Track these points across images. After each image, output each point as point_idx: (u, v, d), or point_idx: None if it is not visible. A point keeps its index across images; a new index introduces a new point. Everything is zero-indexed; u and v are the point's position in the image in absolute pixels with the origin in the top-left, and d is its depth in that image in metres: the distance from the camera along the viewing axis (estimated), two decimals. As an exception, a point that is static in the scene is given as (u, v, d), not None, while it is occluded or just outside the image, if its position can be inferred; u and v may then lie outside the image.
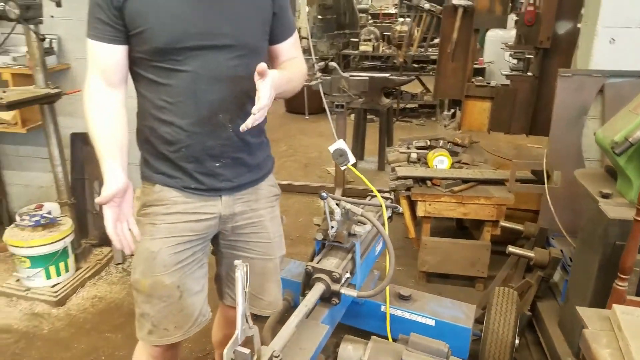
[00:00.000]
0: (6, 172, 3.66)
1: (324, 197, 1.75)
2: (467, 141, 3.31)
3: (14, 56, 3.07)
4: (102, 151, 1.31)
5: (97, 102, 1.35)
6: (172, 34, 1.29)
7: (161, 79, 1.35)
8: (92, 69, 1.36)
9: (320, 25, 9.09)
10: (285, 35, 1.52)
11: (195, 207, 1.47)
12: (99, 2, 1.28)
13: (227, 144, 1.43)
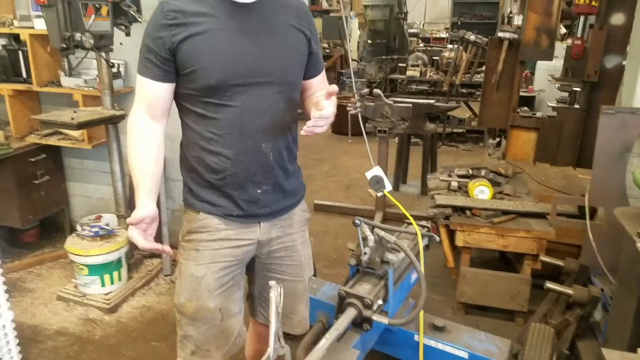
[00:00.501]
0: (71, 184, 3.94)
1: (357, 224, 1.83)
2: (510, 171, 3.31)
3: (85, 79, 3.34)
4: (139, 182, 1.47)
5: (139, 134, 1.49)
6: (222, 73, 1.42)
7: (209, 113, 1.47)
8: (139, 101, 1.50)
9: (370, 49, 9.23)
10: (317, 72, 1.66)
11: (236, 234, 1.58)
12: (150, 45, 1.42)
13: (268, 171, 1.55)
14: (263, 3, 1.49)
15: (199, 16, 1.41)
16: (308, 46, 1.58)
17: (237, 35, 1.43)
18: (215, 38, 1.41)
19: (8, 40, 3.44)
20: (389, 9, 9.00)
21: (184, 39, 1.39)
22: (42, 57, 3.35)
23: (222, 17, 1.42)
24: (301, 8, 1.58)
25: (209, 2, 1.43)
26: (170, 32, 1.39)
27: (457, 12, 13.19)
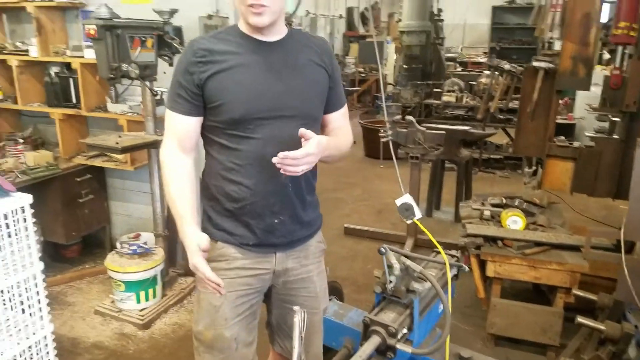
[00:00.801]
0: (113, 203, 4.12)
1: (383, 252, 1.86)
2: (545, 201, 3.27)
3: (130, 105, 3.53)
4: (184, 215, 1.53)
5: (172, 166, 1.58)
6: (246, 107, 1.50)
7: (233, 144, 1.55)
8: (169, 135, 1.60)
9: (406, 74, 9.27)
10: (337, 107, 1.72)
11: (252, 263, 1.64)
12: (181, 81, 1.52)
13: (286, 202, 1.61)
14: (287, 41, 1.58)
15: (225, 54, 1.51)
16: (328, 80, 1.65)
17: (261, 71, 1.52)
18: (240, 74, 1.50)
19: (61, 68, 3.68)
20: (425, 34, 9.04)
21: (211, 75, 1.49)
22: (91, 84, 3.57)
23: (247, 55, 1.52)
24: (323, 46, 1.66)
25: (235, 41, 1.53)
26: (199, 68, 1.49)
27: (496, 38, 13.13)
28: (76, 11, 3.73)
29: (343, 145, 1.72)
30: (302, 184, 1.64)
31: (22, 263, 2.08)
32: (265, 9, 1.45)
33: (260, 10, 1.44)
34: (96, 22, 2.69)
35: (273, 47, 1.55)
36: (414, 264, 1.97)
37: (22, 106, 3.80)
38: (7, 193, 2.01)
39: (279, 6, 1.49)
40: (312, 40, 1.67)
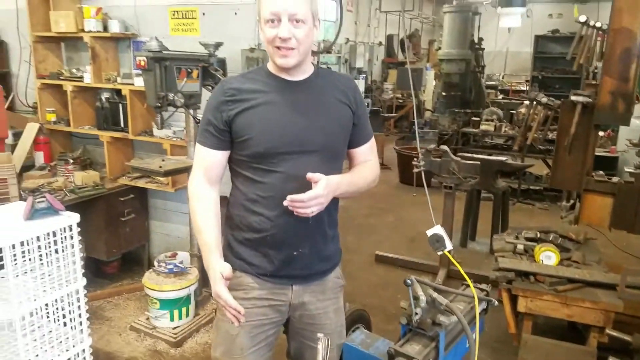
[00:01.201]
0: (153, 222, 4.29)
1: (408, 283, 1.89)
2: (581, 237, 3.21)
3: (174, 130, 3.71)
4: (210, 244, 1.61)
5: (199, 197, 1.67)
6: (271, 142, 1.58)
7: (257, 177, 1.62)
8: (197, 167, 1.69)
9: (444, 101, 9.29)
10: (362, 142, 1.78)
11: (269, 294, 1.70)
12: (210, 118, 1.63)
13: (306, 234, 1.66)
14: (312, 80, 1.66)
15: (253, 93, 1.60)
16: (352, 117, 1.71)
17: (286, 109, 1.60)
18: (266, 112, 1.59)
19: (111, 94, 3.91)
20: (464, 62, 9.06)
21: (239, 112, 1.59)
22: (138, 110, 3.78)
23: (274, 94, 1.61)
24: (348, 84, 1.74)
25: (263, 80, 1.63)
26: (228, 107, 1.59)
27: (538, 66, 12.94)
28: (128, 41, 3.98)
29: (362, 180, 1.75)
30: (324, 218, 1.69)
31: (67, 278, 2.18)
32: (292, 51, 1.54)
33: (288, 52, 1.53)
34: (146, 54, 2.88)
35: (299, 85, 1.64)
36: (440, 296, 2.00)
37: (74, 128, 4.06)
38: (57, 212, 2.14)
39: (305, 48, 1.57)
40: (338, 78, 1.75)
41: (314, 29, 1.59)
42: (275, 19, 1.51)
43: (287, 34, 1.50)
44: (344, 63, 11.38)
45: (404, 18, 8.95)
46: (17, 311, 1.94)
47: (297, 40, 1.52)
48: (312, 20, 1.56)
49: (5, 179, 2.99)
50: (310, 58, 1.68)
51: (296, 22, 1.51)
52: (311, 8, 1.55)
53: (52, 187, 3.52)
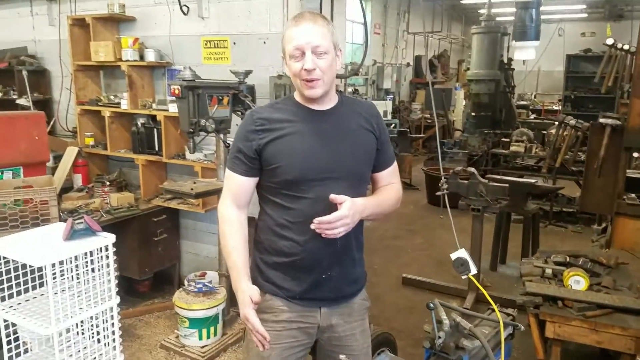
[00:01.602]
0: (183, 242, 4.41)
1: (431, 307, 1.90)
2: (613, 262, 3.14)
3: (205, 153, 3.85)
4: (238, 267, 1.68)
5: (228, 219, 1.74)
6: (300, 170, 1.65)
7: (286, 203, 1.69)
8: (227, 192, 1.77)
9: (474, 121, 9.21)
10: (385, 166, 1.84)
11: (298, 317, 1.75)
12: (241, 147, 1.71)
13: (335, 258, 1.71)
14: (337, 109, 1.74)
15: (282, 122, 1.68)
16: (376, 143, 1.78)
17: (313, 137, 1.68)
18: (294, 141, 1.67)
19: (147, 119, 4.09)
20: (494, 83, 8.99)
21: (269, 142, 1.66)
22: (172, 135, 3.93)
23: (301, 123, 1.68)
24: (371, 111, 1.81)
25: (290, 110, 1.71)
26: (257, 136, 1.67)
27: (571, 86, 12.71)
28: (163, 69, 4.17)
29: (387, 202, 1.81)
30: (351, 241, 1.75)
31: (101, 296, 2.26)
32: (318, 81, 1.62)
33: (314, 83, 1.62)
34: (180, 83, 3.02)
35: (325, 115, 1.72)
36: (464, 320, 2.01)
37: (111, 152, 4.25)
38: (94, 232, 2.23)
39: (329, 77, 1.65)
40: (361, 106, 1.83)
41: (337, 58, 1.68)
42: (299, 53, 1.60)
43: (312, 65, 1.59)
44: (371, 84, 11.50)
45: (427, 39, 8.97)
46: (55, 328, 2.02)
47: (321, 70, 1.61)
48: (333, 50, 1.65)
49: (46, 201, 3.14)
50: (335, 88, 1.75)
51: (319, 54, 1.60)
52: (332, 39, 1.64)
53: (90, 208, 3.67)
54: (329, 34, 1.63)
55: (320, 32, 1.60)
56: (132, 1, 4.17)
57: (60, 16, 4.57)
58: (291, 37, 1.61)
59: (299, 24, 1.61)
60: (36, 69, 4.78)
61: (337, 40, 1.68)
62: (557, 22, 16.12)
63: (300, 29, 1.60)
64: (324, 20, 1.65)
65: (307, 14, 1.65)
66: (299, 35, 1.59)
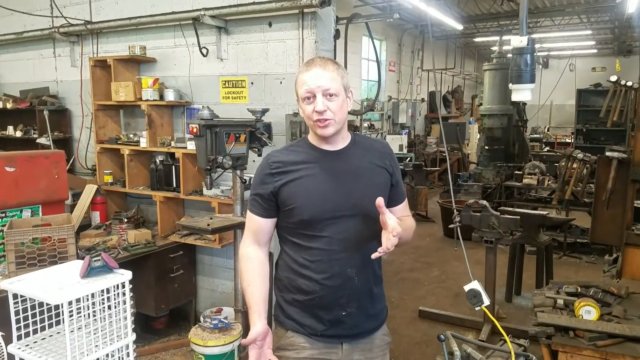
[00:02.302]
0: (200, 277, 4.46)
1: (442, 339, 1.94)
2: (623, 291, 3.14)
3: (222, 189, 3.94)
4: (251, 304, 1.72)
5: (248, 257, 1.82)
6: (315, 210, 1.73)
7: (304, 242, 1.76)
8: (248, 231, 1.86)
9: (487, 154, 9.29)
10: (398, 202, 1.90)
11: (320, 354, 1.78)
12: (259, 190, 1.80)
13: (353, 295, 1.76)
14: (350, 148, 1.82)
15: (296, 164, 1.77)
16: (390, 180, 1.86)
17: (327, 178, 1.76)
18: (309, 182, 1.75)
19: (165, 157, 4.21)
20: (507, 117, 9.11)
21: (284, 184, 1.75)
22: (189, 171, 4.05)
23: (315, 164, 1.77)
24: (383, 150, 1.89)
25: (304, 152, 1.80)
26: (273, 179, 1.76)
27: (582, 119, 12.78)
28: (182, 108, 4.33)
29: (409, 229, 1.87)
30: (369, 277, 1.80)
31: (118, 333, 2.28)
32: (329, 121, 1.71)
33: (325, 123, 1.71)
34: (198, 122, 3.15)
35: (338, 155, 1.80)
36: (475, 352, 2.04)
37: (129, 189, 4.35)
38: (111, 270, 2.28)
39: (340, 118, 1.74)
40: (374, 144, 1.91)
41: (347, 99, 1.77)
42: (310, 96, 1.70)
43: (323, 107, 1.68)
44: (387, 119, 11.69)
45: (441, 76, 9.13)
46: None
47: (332, 111, 1.70)
48: (344, 92, 1.75)
49: (64, 239, 3.19)
50: (347, 127, 1.84)
51: (329, 96, 1.70)
52: (342, 83, 1.73)
53: (107, 245, 3.75)
54: (339, 78, 1.72)
55: (330, 76, 1.69)
56: (153, 43, 4.38)
57: (82, 57, 4.80)
58: (303, 81, 1.71)
59: (309, 69, 1.71)
60: (57, 108, 4.97)
61: (348, 83, 1.77)
62: (569, 58, 16.34)
63: (311, 73, 1.70)
64: (334, 65, 1.73)
65: (317, 60, 1.74)
66: (310, 79, 1.69)
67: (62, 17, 4.74)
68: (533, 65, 2.57)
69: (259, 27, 3.87)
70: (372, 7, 9.35)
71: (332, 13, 3.74)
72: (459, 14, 11.29)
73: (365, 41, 10.42)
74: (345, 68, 1.82)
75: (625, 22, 11.38)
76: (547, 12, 11.29)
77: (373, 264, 1.78)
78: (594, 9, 11.08)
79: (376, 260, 1.79)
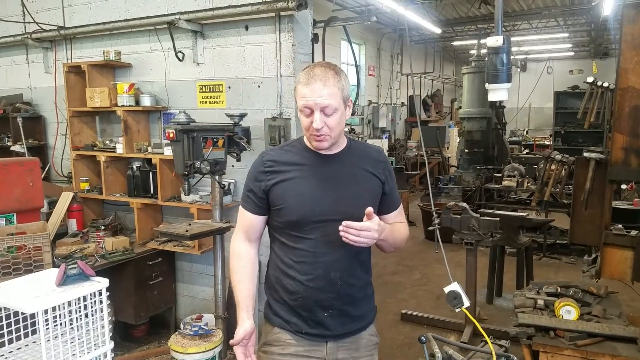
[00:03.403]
0: (179, 284, 4.40)
1: (423, 341, 1.93)
2: (602, 291, 3.18)
3: (200, 195, 3.89)
4: (239, 299, 1.74)
5: (237, 254, 1.83)
6: (303, 212, 1.73)
7: (290, 242, 1.77)
8: (239, 226, 1.87)
9: (467, 157, 9.38)
10: (392, 209, 1.91)
11: (305, 351, 1.79)
12: (251, 186, 1.81)
13: (335, 298, 1.76)
14: (345, 153, 1.82)
15: (289, 165, 1.77)
16: (382, 188, 1.85)
17: (317, 181, 1.76)
18: (299, 184, 1.75)
19: (142, 163, 4.14)
20: (485, 120, 9.21)
21: (276, 183, 1.76)
22: (167, 177, 3.99)
23: (307, 166, 1.77)
24: (378, 157, 1.89)
25: (299, 153, 1.80)
26: (266, 177, 1.77)
27: (560, 122, 13.00)
28: (159, 114, 4.27)
29: (398, 236, 1.88)
30: (352, 281, 1.79)
31: (95, 342, 2.23)
32: (326, 137, 1.71)
33: (321, 138, 1.71)
34: (175, 127, 3.10)
35: (332, 159, 1.80)
36: (456, 353, 2.03)
37: (106, 196, 4.27)
38: (87, 277, 2.23)
39: (337, 132, 1.73)
40: (369, 151, 1.90)
41: (347, 109, 1.75)
42: (309, 111, 1.69)
43: (320, 125, 1.67)
44: (367, 124, 11.72)
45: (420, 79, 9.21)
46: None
47: (329, 127, 1.69)
48: (343, 106, 1.72)
49: (39, 247, 3.12)
50: (343, 135, 1.82)
51: (327, 113, 1.68)
52: (342, 96, 1.70)
53: (84, 253, 3.69)
54: (339, 92, 1.69)
55: (329, 92, 1.65)
56: (128, 48, 4.32)
57: (56, 63, 4.71)
58: (302, 94, 1.69)
59: (309, 83, 1.66)
60: (31, 115, 4.87)
61: (348, 94, 1.74)
62: (546, 61, 16.64)
63: (311, 88, 1.66)
64: (335, 78, 1.68)
65: (318, 72, 1.67)
66: (309, 94, 1.66)
67: (34, 22, 4.66)
68: (509, 64, 2.60)
69: (236, 31, 3.83)
70: (350, 10, 9.39)
71: (309, 16, 3.73)
72: (437, 17, 11.40)
73: (345, 45, 10.45)
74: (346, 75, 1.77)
75: (601, 25, 11.62)
76: (524, 15, 11.48)
77: (357, 269, 1.78)
78: (571, 12, 11.30)
79: (363, 264, 1.81)
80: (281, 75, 3.71)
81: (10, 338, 2.16)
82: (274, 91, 3.75)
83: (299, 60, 3.68)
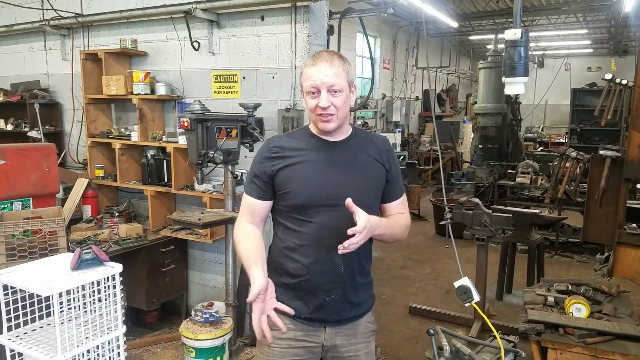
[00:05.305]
0: (191, 272, 4.45)
1: (431, 333, 1.94)
2: (614, 290, 3.15)
3: (213, 184, 3.92)
4: (247, 261, 1.71)
5: (243, 230, 1.83)
6: (308, 195, 1.76)
7: (295, 226, 1.80)
8: (243, 211, 1.89)
9: (481, 153, 9.30)
10: (394, 198, 1.92)
11: (303, 335, 1.82)
12: (257, 172, 1.83)
13: (337, 282, 1.79)
14: (350, 140, 1.85)
15: (295, 150, 1.80)
16: (386, 175, 1.87)
17: (323, 166, 1.79)
18: (305, 168, 1.78)
19: (156, 151, 4.20)
20: (500, 116, 9.10)
21: (282, 168, 1.78)
22: (181, 166, 4.03)
23: (313, 152, 1.80)
24: (382, 145, 1.91)
25: (304, 140, 1.83)
26: (271, 162, 1.80)
27: (577, 119, 12.80)
28: (174, 102, 4.30)
29: (397, 227, 1.89)
30: (354, 266, 1.82)
31: (108, 326, 2.30)
32: (332, 116, 1.74)
33: (328, 118, 1.74)
34: (189, 116, 3.13)
35: (337, 146, 1.83)
36: (464, 347, 2.03)
37: (121, 183, 4.33)
38: (101, 262, 2.29)
39: (343, 113, 1.76)
40: (373, 139, 1.93)
41: (351, 94, 1.80)
42: (315, 91, 1.72)
43: (326, 104, 1.71)
44: (380, 117, 11.68)
45: (435, 74, 9.13)
46: (61, 357, 2.05)
47: (335, 107, 1.73)
48: (348, 88, 1.77)
49: (55, 231, 3.18)
50: (348, 121, 1.86)
51: (333, 92, 1.72)
52: (347, 78, 1.76)
53: (98, 238, 3.74)
54: (344, 73, 1.74)
55: (335, 72, 1.71)
56: (145, 37, 4.35)
57: (73, 51, 4.76)
58: (308, 75, 1.73)
59: (316, 63, 1.73)
60: (48, 102, 4.93)
61: (353, 78, 1.80)
62: (564, 57, 16.40)
63: (317, 68, 1.72)
64: (340, 60, 1.75)
65: (324, 54, 1.76)
66: (316, 74, 1.71)
67: (52, 9, 4.70)
68: (527, 58, 2.57)
69: (251, 21, 3.84)
70: (367, 2, 9.32)
71: (325, 7, 3.72)
72: (454, 11, 11.29)
73: (360, 38, 10.39)
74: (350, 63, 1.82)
75: (621, 22, 11.42)
76: (542, 10, 11.32)
77: (359, 255, 1.79)
78: (590, 8, 11.12)
79: (364, 252, 1.82)
80: (296, 66, 3.71)
81: (26, 320, 2.22)
82: (288, 82, 3.76)
83: (313, 51, 3.68)
